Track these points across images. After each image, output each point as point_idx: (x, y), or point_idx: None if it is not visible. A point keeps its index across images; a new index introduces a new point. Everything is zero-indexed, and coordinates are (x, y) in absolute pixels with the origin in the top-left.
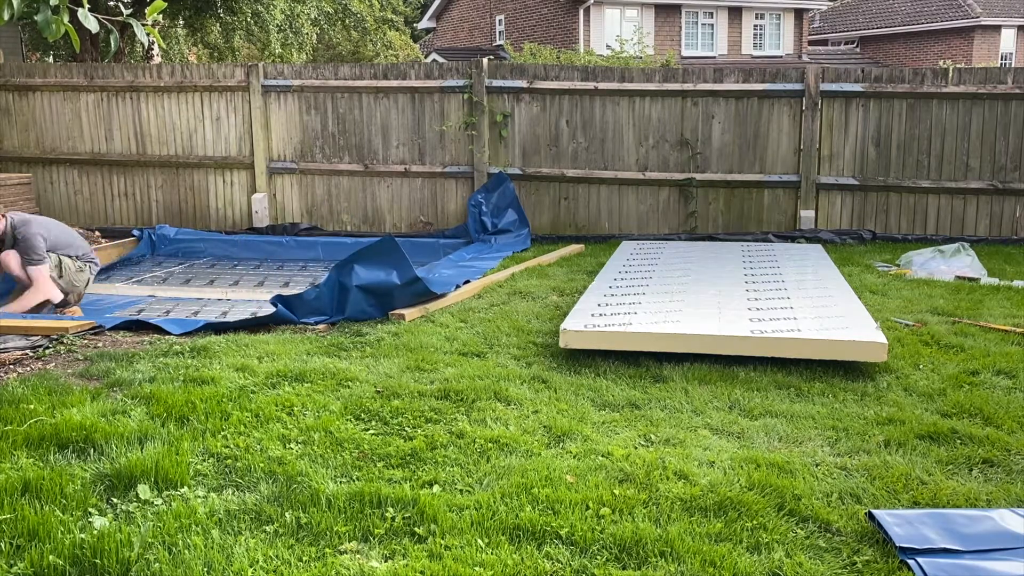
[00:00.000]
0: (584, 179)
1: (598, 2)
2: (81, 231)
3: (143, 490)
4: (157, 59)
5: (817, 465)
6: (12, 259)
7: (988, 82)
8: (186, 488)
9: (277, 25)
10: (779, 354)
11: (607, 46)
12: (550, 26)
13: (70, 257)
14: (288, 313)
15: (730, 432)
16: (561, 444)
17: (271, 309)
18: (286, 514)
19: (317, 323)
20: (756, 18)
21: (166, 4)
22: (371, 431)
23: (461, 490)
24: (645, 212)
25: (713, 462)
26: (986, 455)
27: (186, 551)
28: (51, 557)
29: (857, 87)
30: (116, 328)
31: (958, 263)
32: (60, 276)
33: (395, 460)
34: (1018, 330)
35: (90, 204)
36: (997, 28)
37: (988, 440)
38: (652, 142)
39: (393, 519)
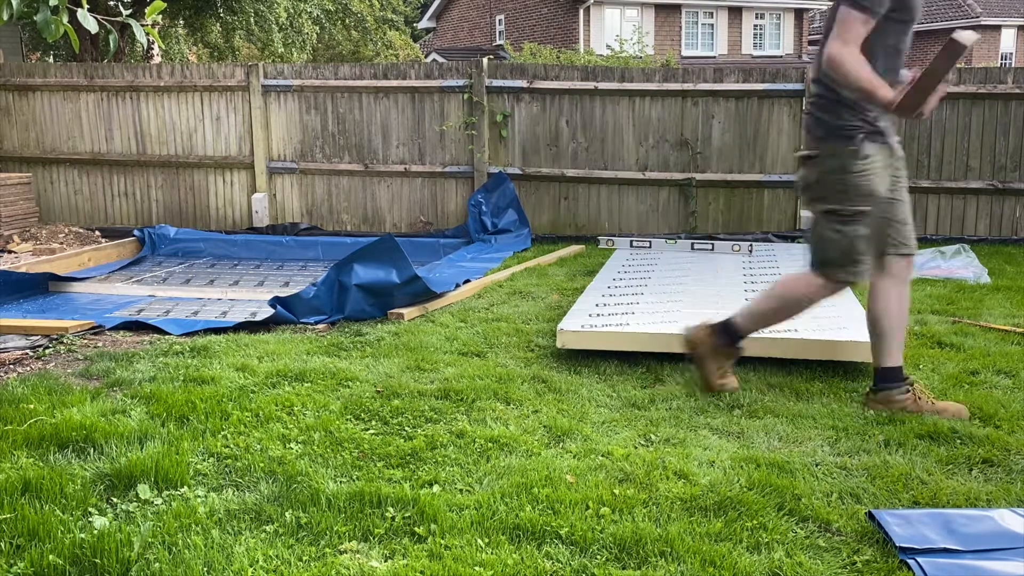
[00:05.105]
0: (584, 179)
1: (598, 2)
2: (81, 231)
3: (143, 490)
4: (157, 59)
5: (817, 465)
6: None
7: (988, 82)
8: (186, 488)
9: (279, 24)
10: (775, 354)
11: (607, 46)
12: (550, 26)
13: None
14: (287, 313)
15: (730, 432)
16: (561, 444)
17: (271, 310)
18: (286, 514)
19: (317, 323)
20: (756, 18)
21: (165, 5)
22: (371, 431)
23: (461, 490)
24: (645, 212)
25: (713, 462)
26: (986, 455)
27: (186, 551)
28: (51, 557)
29: None
30: (116, 328)
31: (958, 263)
32: None
33: (395, 460)
34: (1018, 330)
35: (90, 204)
36: (997, 28)
37: (988, 440)
38: (652, 142)
39: (393, 519)
